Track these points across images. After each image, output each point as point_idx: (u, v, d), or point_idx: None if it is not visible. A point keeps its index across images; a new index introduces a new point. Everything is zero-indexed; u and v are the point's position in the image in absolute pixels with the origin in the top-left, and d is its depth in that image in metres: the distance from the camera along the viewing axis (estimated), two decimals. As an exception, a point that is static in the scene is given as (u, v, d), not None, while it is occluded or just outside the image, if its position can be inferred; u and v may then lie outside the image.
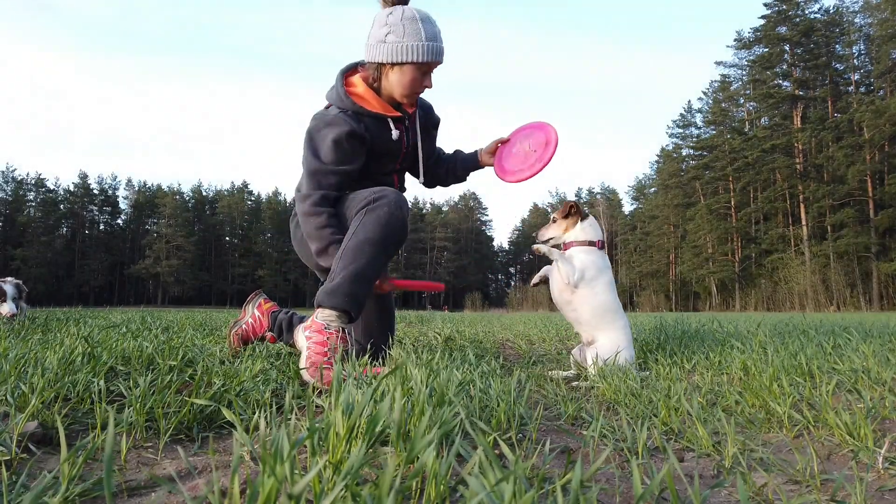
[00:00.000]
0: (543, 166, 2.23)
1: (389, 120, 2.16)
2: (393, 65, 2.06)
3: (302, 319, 2.28)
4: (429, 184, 2.58)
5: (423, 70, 2.07)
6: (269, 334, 2.42)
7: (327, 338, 1.89)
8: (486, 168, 2.50)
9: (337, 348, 1.88)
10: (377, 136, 2.14)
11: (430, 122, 2.44)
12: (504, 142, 2.40)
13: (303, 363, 2.00)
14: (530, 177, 2.25)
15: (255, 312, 2.43)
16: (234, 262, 72.11)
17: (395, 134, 2.16)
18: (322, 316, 1.93)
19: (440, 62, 2.10)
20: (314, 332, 1.92)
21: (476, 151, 2.50)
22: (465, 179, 2.58)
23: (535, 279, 2.40)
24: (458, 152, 2.56)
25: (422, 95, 2.33)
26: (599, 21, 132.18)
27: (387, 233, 1.95)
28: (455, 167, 2.52)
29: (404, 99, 2.14)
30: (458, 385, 1.39)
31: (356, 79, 2.17)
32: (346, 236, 1.97)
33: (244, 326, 2.43)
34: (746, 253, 50.03)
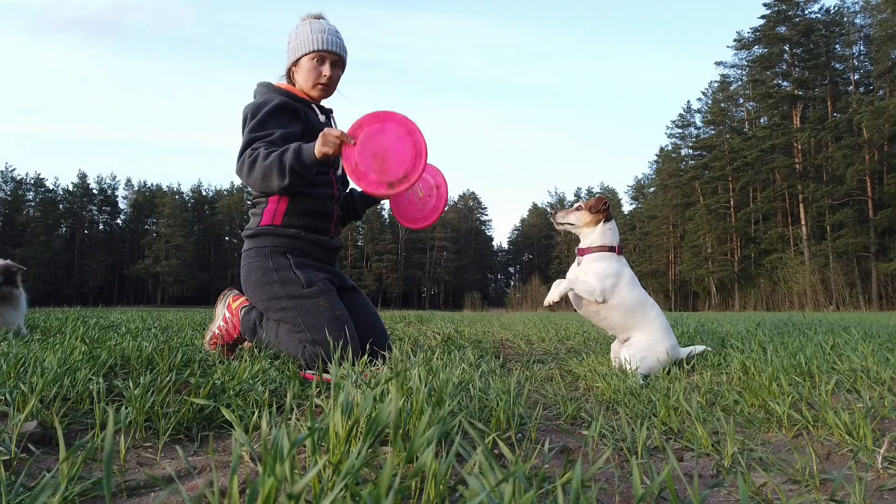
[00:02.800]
0: (442, 209, 2.44)
1: (314, 105, 2.33)
2: (295, 63, 2.30)
3: (263, 320, 2.25)
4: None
5: (316, 59, 2.26)
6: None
7: (237, 336, 2.28)
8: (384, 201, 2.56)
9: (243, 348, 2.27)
10: (308, 116, 2.28)
11: None
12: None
13: (209, 334, 2.36)
14: (434, 222, 2.46)
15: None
16: (233, 262, 71.97)
17: (321, 118, 2.33)
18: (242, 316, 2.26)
19: (332, 51, 2.27)
20: (232, 319, 2.25)
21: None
22: (361, 216, 2.64)
23: (554, 298, 2.20)
24: (353, 190, 2.60)
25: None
26: (599, 21, 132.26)
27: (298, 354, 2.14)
28: (355, 203, 2.58)
29: (314, 91, 2.32)
30: (458, 385, 1.39)
31: (282, 84, 2.37)
32: (278, 327, 2.16)
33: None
34: (746, 253, 50.01)
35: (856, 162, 41.05)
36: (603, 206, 2.27)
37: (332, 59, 2.28)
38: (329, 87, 2.32)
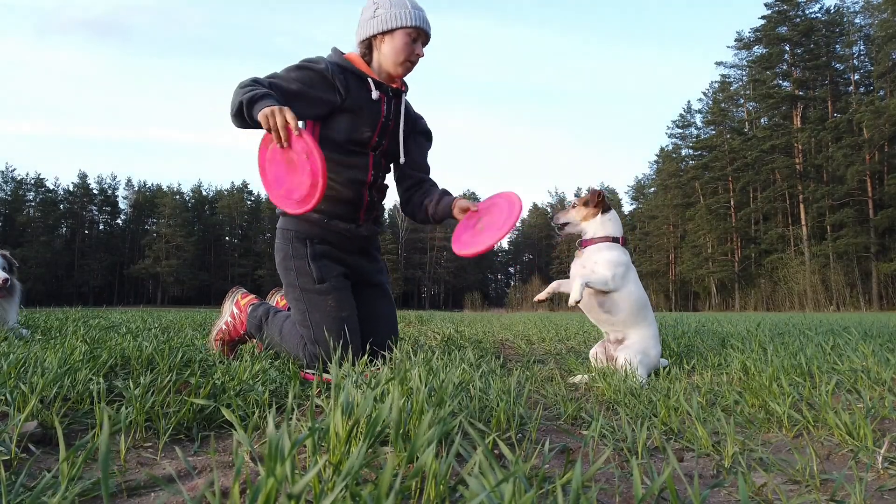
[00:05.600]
0: (495, 241, 2.06)
1: (370, 80, 2.19)
2: (384, 34, 2.16)
3: (278, 312, 2.26)
4: (405, 206, 2.47)
5: (413, 36, 2.16)
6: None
7: (244, 332, 2.31)
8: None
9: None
10: (356, 91, 2.15)
11: (417, 127, 2.41)
12: (473, 211, 2.25)
13: (215, 330, 2.36)
14: (481, 251, 2.09)
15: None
16: (233, 262, 72.04)
17: (374, 94, 2.18)
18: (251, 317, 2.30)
19: (428, 32, 2.20)
20: (240, 315, 2.25)
21: (454, 200, 2.32)
22: (434, 222, 2.41)
23: (543, 295, 2.20)
24: (444, 193, 2.38)
25: (414, 106, 2.40)
26: (599, 21, 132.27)
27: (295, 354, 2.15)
28: (437, 205, 2.34)
29: (398, 68, 2.20)
30: (458, 385, 1.39)
31: (351, 54, 2.26)
32: (288, 324, 2.17)
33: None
34: (746, 253, 50.01)
35: (856, 162, 41.04)
36: (598, 198, 2.24)
37: (424, 39, 2.21)
38: (413, 67, 2.23)
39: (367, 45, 2.21)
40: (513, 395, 1.34)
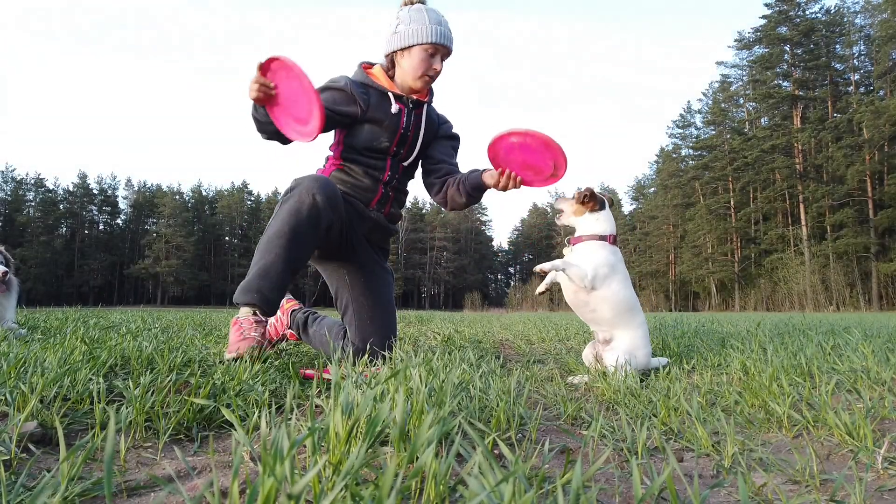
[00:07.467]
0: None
1: (391, 94, 2.28)
2: (402, 50, 2.24)
3: (316, 319, 2.39)
4: (443, 200, 2.44)
5: (430, 52, 2.23)
6: (289, 332, 2.51)
7: (239, 330, 2.09)
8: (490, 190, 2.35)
9: (251, 336, 2.01)
10: (376, 105, 2.26)
11: (442, 131, 2.48)
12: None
13: (226, 356, 2.25)
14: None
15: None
16: (233, 262, 72.00)
17: (394, 108, 2.27)
18: (241, 313, 2.06)
19: (446, 46, 2.25)
20: (231, 327, 2.12)
21: (481, 172, 2.32)
22: (474, 197, 2.37)
23: (542, 287, 2.20)
24: (472, 171, 2.38)
25: (442, 112, 2.50)
26: (599, 21, 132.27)
27: (295, 222, 1.99)
28: (465, 183, 2.34)
29: (418, 82, 2.27)
30: (458, 385, 1.39)
31: (375, 68, 2.36)
32: (265, 231, 2.09)
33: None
34: (746, 253, 50.02)
35: (856, 162, 41.07)
36: (588, 196, 2.23)
37: (444, 53, 2.26)
38: (432, 80, 2.30)
39: (391, 60, 2.31)
40: (513, 395, 1.34)
